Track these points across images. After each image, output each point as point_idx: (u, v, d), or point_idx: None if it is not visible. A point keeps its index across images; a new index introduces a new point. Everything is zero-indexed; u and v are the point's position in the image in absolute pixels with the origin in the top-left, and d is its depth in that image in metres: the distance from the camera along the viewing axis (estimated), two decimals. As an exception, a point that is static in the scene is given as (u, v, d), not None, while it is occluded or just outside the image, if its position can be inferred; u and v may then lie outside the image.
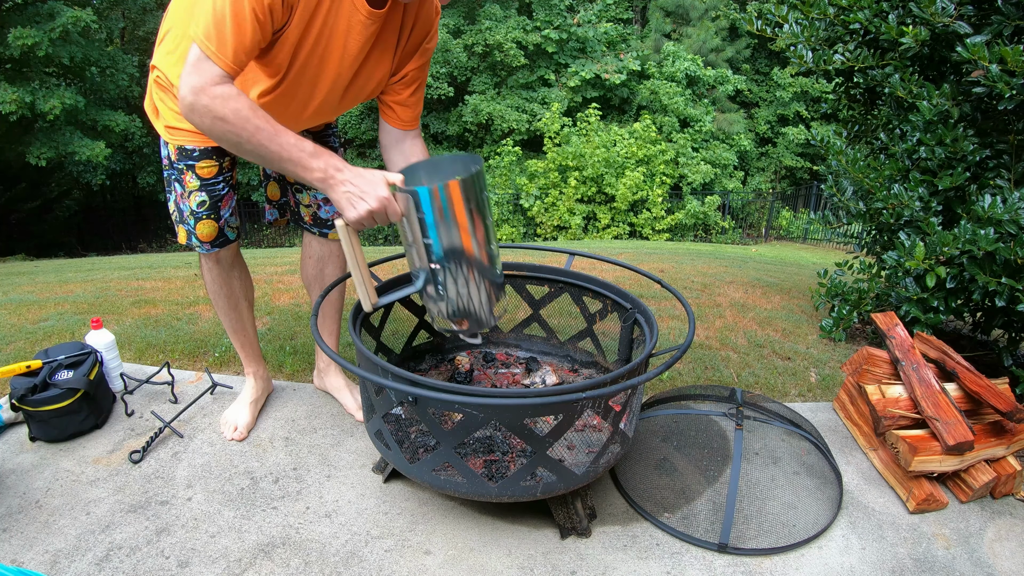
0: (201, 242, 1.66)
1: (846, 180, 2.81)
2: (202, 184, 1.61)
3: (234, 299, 1.81)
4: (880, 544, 1.55)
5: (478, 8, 13.59)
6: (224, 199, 1.66)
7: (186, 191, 1.61)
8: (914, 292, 2.38)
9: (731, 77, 13.76)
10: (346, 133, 13.75)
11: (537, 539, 1.49)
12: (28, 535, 1.46)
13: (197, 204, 1.62)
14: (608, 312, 1.87)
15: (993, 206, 2.13)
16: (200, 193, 1.62)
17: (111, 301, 3.12)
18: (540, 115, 12.89)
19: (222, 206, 1.66)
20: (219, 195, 1.64)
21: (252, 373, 1.96)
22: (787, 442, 1.90)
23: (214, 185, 1.63)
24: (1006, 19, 2.18)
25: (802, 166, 14.29)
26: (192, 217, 1.63)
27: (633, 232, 12.03)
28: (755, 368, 2.46)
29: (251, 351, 1.94)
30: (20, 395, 1.73)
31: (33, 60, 9.74)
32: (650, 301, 3.20)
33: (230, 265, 1.77)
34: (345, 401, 2.01)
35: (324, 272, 1.94)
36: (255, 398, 1.94)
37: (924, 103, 2.35)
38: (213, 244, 1.67)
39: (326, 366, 2.08)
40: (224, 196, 1.65)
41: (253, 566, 1.39)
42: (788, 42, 2.80)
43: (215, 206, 1.64)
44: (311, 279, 1.98)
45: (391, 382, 1.26)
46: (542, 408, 1.32)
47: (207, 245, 1.67)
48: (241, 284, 1.82)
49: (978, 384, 1.76)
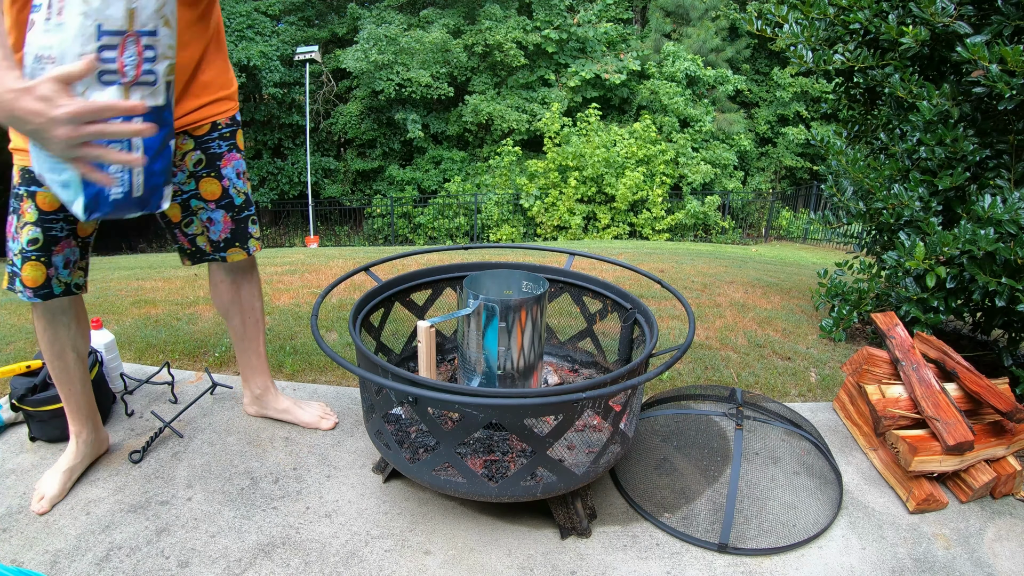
0: (24, 287, 1.41)
1: (846, 180, 2.82)
2: (40, 217, 1.37)
3: (58, 348, 1.53)
4: (880, 544, 1.55)
5: (478, 8, 13.59)
6: (60, 243, 1.41)
7: (20, 223, 1.38)
8: (914, 292, 2.38)
9: (731, 77, 13.76)
10: (346, 133, 13.76)
11: (537, 539, 1.49)
12: (28, 535, 1.46)
13: (28, 241, 1.38)
14: (608, 312, 1.87)
15: (993, 206, 2.13)
16: (34, 228, 1.37)
17: (111, 301, 3.12)
18: (540, 115, 12.91)
19: (55, 251, 1.41)
20: (55, 236, 1.39)
21: (75, 434, 1.65)
22: (787, 442, 1.90)
23: (52, 223, 1.38)
24: (1006, 19, 2.18)
25: (802, 166, 14.30)
26: (19, 257, 1.39)
27: (633, 232, 12.04)
28: (755, 368, 2.46)
29: (76, 407, 1.63)
30: (20, 395, 1.73)
31: (33, 60, 9.72)
32: (650, 301, 3.20)
33: (56, 311, 1.50)
34: (300, 419, 1.90)
35: (241, 294, 1.76)
36: (71, 465, 1.63)
37: (924, 103, 2.35)
38: (36, 292, 1.42)
39: (262, 391, 1.91)
40: (61, 240, 1.41)
41: (253, 566, 1.39)
42: (788, 42, 2.80)
43: (47, 248, 1.39)
44: (228, 303, 1.77)
45: (391, 382, 1.26)
46: (542, 408, 1.32)
47: (29, 291, 1.41)
48: (69, 334, 1.54)
49: (978, 384, 1.76)
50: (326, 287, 1.69)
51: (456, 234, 12.56)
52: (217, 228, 1.61)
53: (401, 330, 2.43)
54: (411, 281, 1.88)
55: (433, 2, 14.19)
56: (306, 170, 12.99)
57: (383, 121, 13.53)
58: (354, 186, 14.20)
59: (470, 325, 1.57)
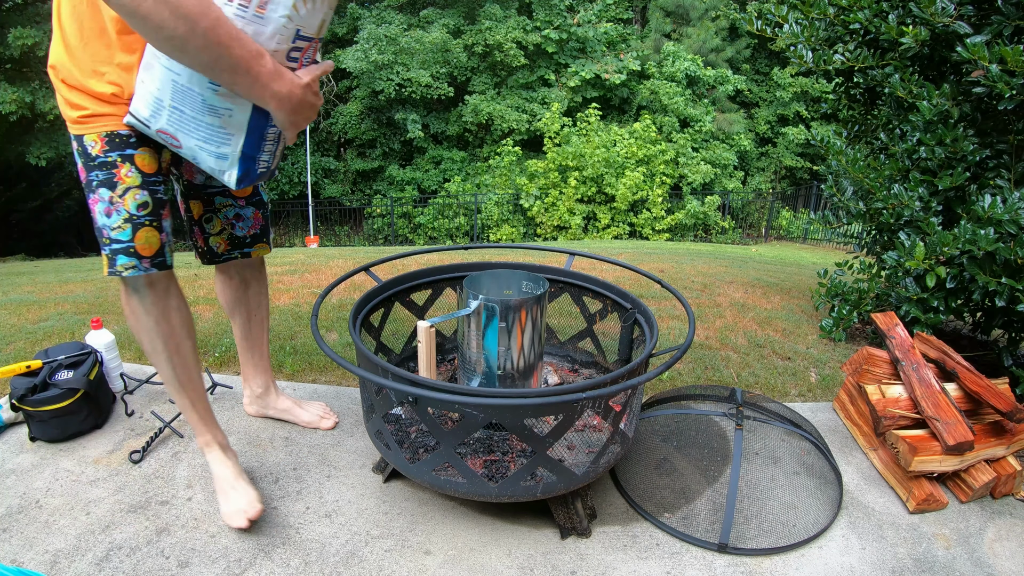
0: (140, 257, 1.29)
1: (846, 180, 2.82)
2: (144, 180, 1.28)
3: (175, 339, 1.41)
4: (880, 544, 1.55)
5: (478, 8, 13.59)
6: (166, 207, 1.35)
7: (121, 189, 1.26)
8: (914, 292, 2.38)
9: (731, 77, 13.77)
10: (346, 133, 13.76)
11: (537, 539, 1.49)
12: (28, 535, 1.45)
13: (137, 206, 1.27)
14: (608, 312, 1.87)
15: (993, 206, 2.13)
16: (140, 191, 1.27)
17: (111, 301, 3.12)
18: (540, 115, 12.91)
19: (163, 215, 1.33)
20: (160, 200, 1.32)
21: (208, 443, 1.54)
22: (787, 442, 1.90)
23: (155, 184, 1.30)
24: (1006, 19, 2.18)
25: (802, 166, 14.30)
26: (129, 224, 1.27)
27: (633, 232, 12.04)
28: (755, 368, 2.46)
29: (204, 409, 1.52)
30: (20, 395, 1.73)
31: (33, 60, 9.74)
32: (650, 301, 3.20)
33: (165, 292, 1.38)
34: (300, 419, 1.89)
35: (249, 292, 1.73)
36: (238, 469, 1.53)
37: (924, 103, 2.35)
38: (153, 262, 1.31)
39: (263, 391, 1.88)
40: (165, 203, 1.35)
41: (253, 566, 1.39)
42: (788, 42, 2.81)
43: (157, 212, 1.31)
44: (234, 301, 1.73)
45: (391, 382, 1.26)
46: (542, 408, 1.32)
47: (146, 261, 1.30)
48: (181, 318, 1.42)
49: (978, 384, 1.76)
50: (326, 287, 1.69)
51: (456, 234, 12.56)
52: (247, 224, 1.62)
53: (401, 330, 2.43)
54: (411, 281, 1.88)
55: (433, 2, 14.19)
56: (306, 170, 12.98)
57: (383, 121, 13.53)
58: (354, 186, 14.20)
59: (470, 325, 1.57)
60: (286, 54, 1.16)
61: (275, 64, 1.12)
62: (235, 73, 1.07)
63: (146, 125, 1.22)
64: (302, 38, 1.17)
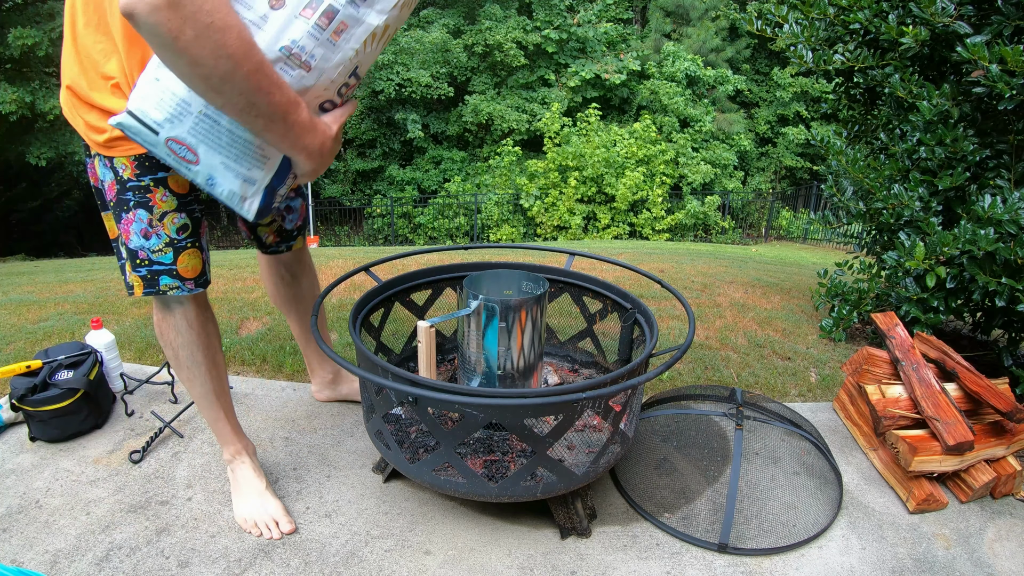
0: (183, 279, 1.29)
1: (846, 180, 2.82)
2: (180, 202, 1.25)
3: (211, 351, 1.43)
4: (880, 544, 1.55)
5: (478, 8, 13.59)
6: (202, 225, 1.33)
7: (156, 214, 1.24)
8: (914, 292, 2.38)
9: (731, 77, 13.77)
10: (346, 133, 13.75)
11: (537, 539, 1.49)
12: (28, 535, 1.46)
13: (177, 229, 1.26)
14: (608, 312, 1.87)
15: (993, 206, 2.13)
16: (179, 215, 1.25)
17: (111, 301, 3.12)
18: (540, 115, 12.91)
19: (201, 233, 1.33)
20: (197, 219, 1.31)
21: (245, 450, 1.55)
22: (787, 442, 1.90)
23: (190, 204, 1.28)
24: (1006, 19, 2.18)
25: (802, 166, 14.30)
26: (171, 248, 1.26)
27: (633, 232, 12.04)
28: (755, 368, 2.46)
29: (235, 421, 1.54)
30: (20, 395, 1.73)
31: (33, 60, 9.74)
32: (650, 301, 3.20)
33: (205, 304, 1.40)
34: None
35: (302, 286, 1.77)
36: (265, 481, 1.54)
37: (924, 103, 2.35)
38: (198, 282, 1.32)
39: (334, 376, 1.97)
40: (201, 222, 1.33)
41: (253, 566, 1.39)
42: (788, 42, 2.81)
43: (196, 232, 1.30)
44: (288, 298, 1.75)
45: (391, 382, 1.26)
46: (542, 408, 1.32)
47: (190, 283, 1.30)
48: (215, 328, 1.45)
49: (978, 384, 1.76)
50: (326, 287, 1.70)
51: (456, 234, 12.56)
52: (295, 217, 1.62)
53: (401, 330, 2.43)
54: (411, 281, 1.88)
55: (433, 2, 14.19)
56: (306, 170, 12.96)
57: (383, 121, 13.53)
58: (354, 186, 14.20)
59: (470, 325, 1.57)
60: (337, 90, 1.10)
61: (309, 115, 1.05)
62: (271, 120, 1.00)
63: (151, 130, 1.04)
64: (355, 75, 1.11)
